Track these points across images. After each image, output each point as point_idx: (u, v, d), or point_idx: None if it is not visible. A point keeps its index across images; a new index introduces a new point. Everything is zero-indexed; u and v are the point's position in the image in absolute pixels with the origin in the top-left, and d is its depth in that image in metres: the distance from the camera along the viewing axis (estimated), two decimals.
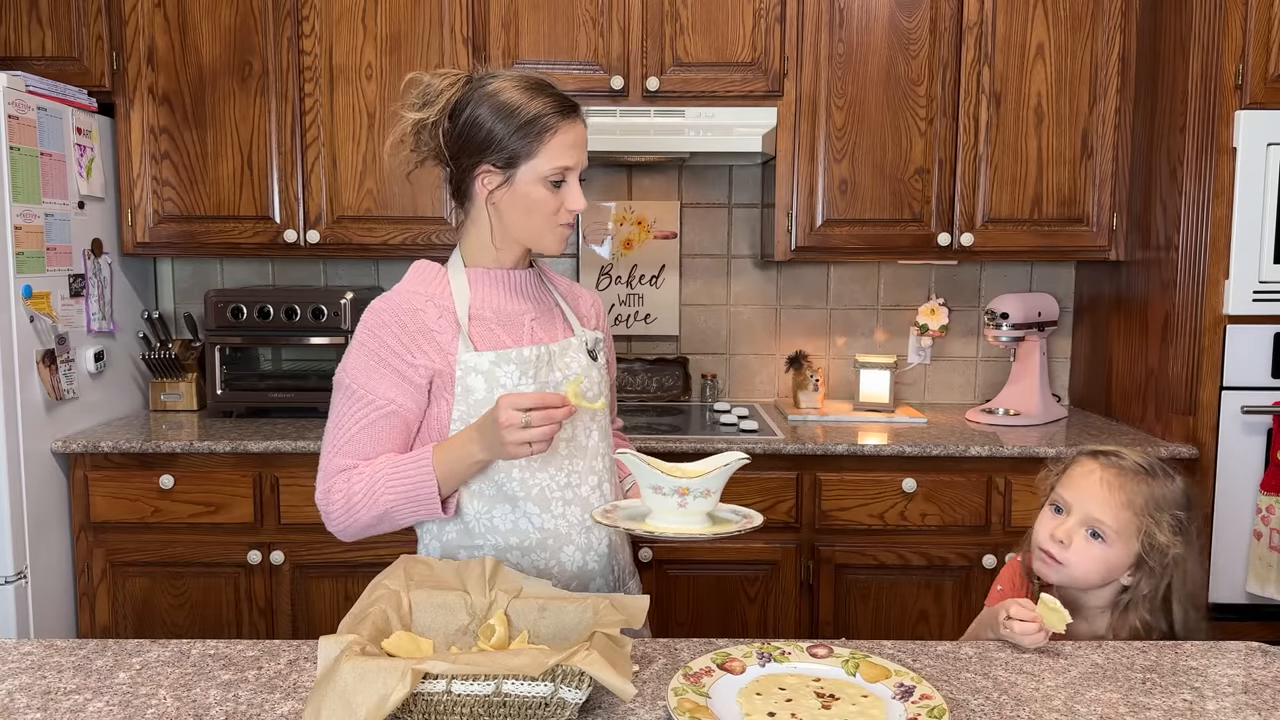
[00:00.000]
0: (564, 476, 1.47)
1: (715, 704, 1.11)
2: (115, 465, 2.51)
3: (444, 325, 1.45)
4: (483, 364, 1.43)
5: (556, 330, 1.54)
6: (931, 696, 1.11)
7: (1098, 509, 1.38)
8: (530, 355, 1.46)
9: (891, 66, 2.73)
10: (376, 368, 1.43)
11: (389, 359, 1.43)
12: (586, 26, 2.71)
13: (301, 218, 2.77)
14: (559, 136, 1.43)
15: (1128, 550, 1.37)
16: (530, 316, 1.52)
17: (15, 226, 2.32)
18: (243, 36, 2.72)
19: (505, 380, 1.44)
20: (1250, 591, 2.44)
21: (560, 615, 1.22)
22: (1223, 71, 2.41)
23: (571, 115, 1.46)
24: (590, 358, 1.54)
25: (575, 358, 1.52)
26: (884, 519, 2.53)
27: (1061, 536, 1.39)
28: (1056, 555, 1.39)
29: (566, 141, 1.44)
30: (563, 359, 1.50)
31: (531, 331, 1.50)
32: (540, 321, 1.53)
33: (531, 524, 1.45)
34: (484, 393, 1.43)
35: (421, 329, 1.44)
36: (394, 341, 1.43)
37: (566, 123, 1.44)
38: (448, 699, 1.01)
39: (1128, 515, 1.36)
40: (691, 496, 1.29)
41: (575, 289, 1.66)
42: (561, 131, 1.44)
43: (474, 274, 1.50)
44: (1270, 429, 2.44)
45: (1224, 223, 2.44)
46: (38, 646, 1.28)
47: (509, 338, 1.48)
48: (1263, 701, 1.15)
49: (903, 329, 3.16)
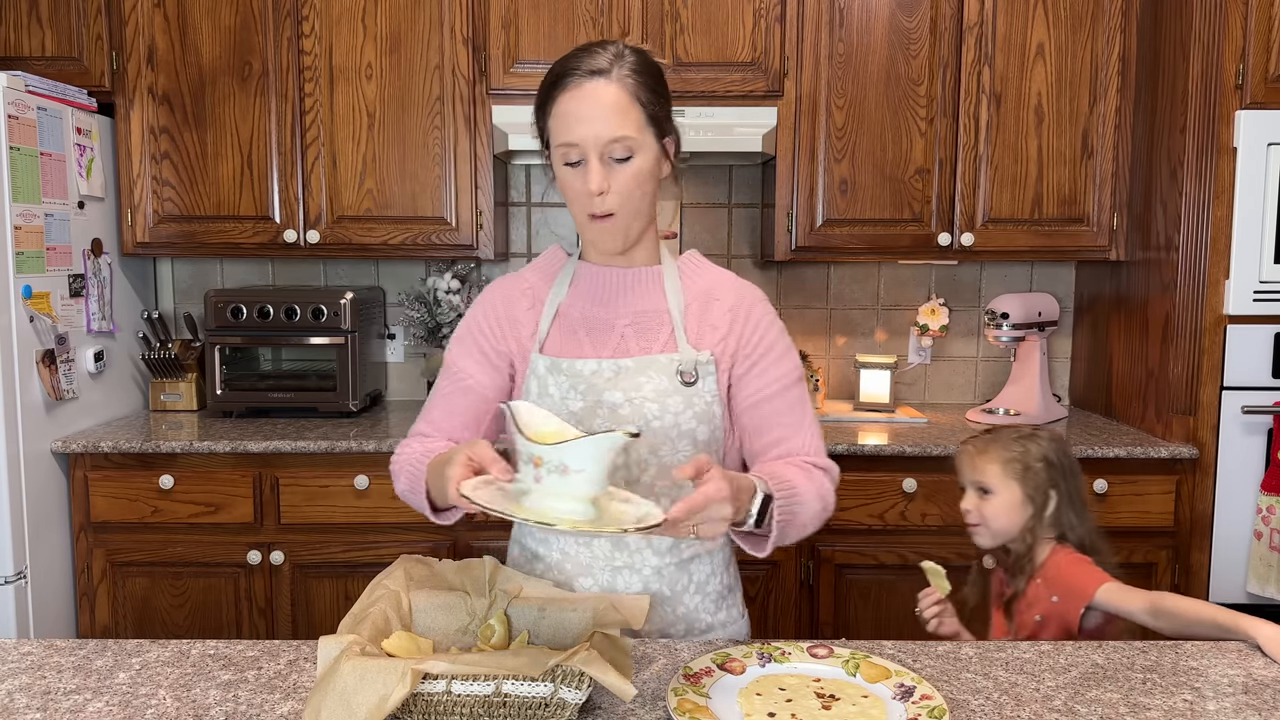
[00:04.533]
0: None
1: (715, 704, 1.11)
2: (115, 465, 2.51)
3: (530, 319, 1.39)
4: (539, 368, 1.35)
5: (655, 341, 1.35)
6: (932, 697, 1.11)
7: (975, 472, 1.69)
8: (584, 369, 1.33)
9: (892, 66, 2.73)
10: (465, 341, 1.41)
11: (476, 336, 1.40)
12: (586, 26, 2.71)
13: (301, 218, 2.77)
14: (557, 106, 1.27)
15: (1012, 492, 1.65)
16: (625, 322, 1.36)
17: (15, 226, 2.32)
18: (243, 36, 2.72)
19: (554, 389, 1.34)
20: (1250, 591, 2.44)
21: (560, 616, 1.22)
22: (1223, 71, 2.41)
23: (571, 79, 1.25)
24: (682, 381, 1.32)
25: (653, 378, 1.32)
26: (884, 519, 2.53)
27: (967, 506, 1.70)
28: (971, 521, 1.70)
29: (565, 111, 1.26)
30: (636, 377, 1.32)
31: (622, 339, 1.35)
32: (638, 328, 1.36)
33: (555, 543, 1.38)
34: (535, 397, 1.35)
35: (510, 317, 1.40)
36: (484, 322, 1.40)
37: (563, 93, 1.26)
38: (448, 699, 1.01)
39: (995, 466, 1.67)
40: (546, 470, 1.05)
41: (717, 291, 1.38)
42: (560, 101, 1.26)
43: (582, 269, 1.40)
44: (1271, 429, 2.44)
45: (1224, 223, 2.44)
46: (37, 646, 1.27)
47: (590, 342, 1.35)
48: (1263, 701, 1.15)
49: (903, 329, 3.16)
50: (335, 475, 2.51)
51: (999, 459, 1.67)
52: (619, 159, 1.26)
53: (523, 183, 3.13)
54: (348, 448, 2.48)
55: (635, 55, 1.29)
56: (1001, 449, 1.68)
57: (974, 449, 1.71)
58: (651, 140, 1.29)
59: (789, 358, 1.38)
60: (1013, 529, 1.66)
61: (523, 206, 3.14)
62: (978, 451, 1.70)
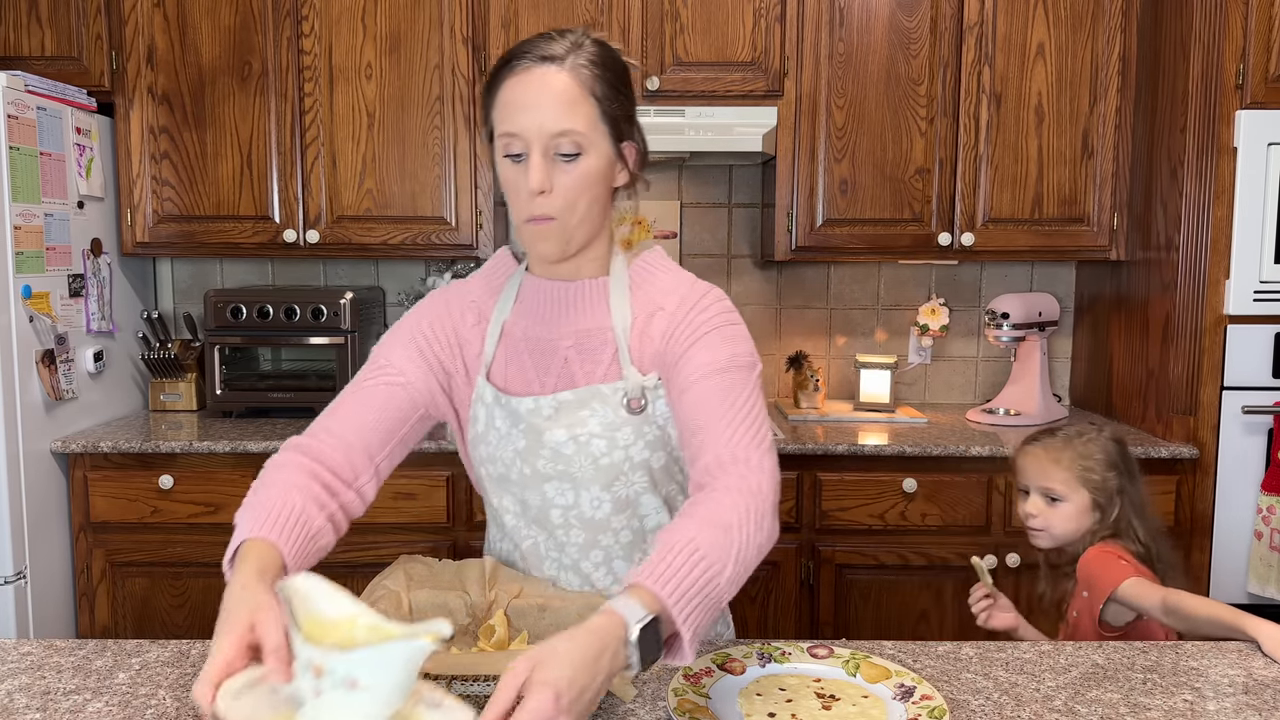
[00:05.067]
0: (555, 543, 1.28)
1: (715, 704, 1.11)
2: (115, 465, 2.51)
3: (475, 336, 1.29)
4: (486, 396, 1.26)
5: (599, 365, 1.23)
6: (932, 697, 1.11)
7: (1044, 479, 1.67)
8: (521, 408, 1.23)
9: (892, 66, 2.73)
10: (401, 339, 1.28)
11: (419, 340, 1.28)
12: (586, 26, 2.70)
13: (301, 218, 2.77)
14: (502, 92, 1.15)
15: (1081, 499, 1.65)
16: (569, 343, 1.24)
17: (15, 226, 2.32)
18: (242, 36, 2.72)
19: (500, 424, 1.24)
20: (1251, 592, 2.44)
21: (560, 615, 1.21)
22: (1223, 71, 2.40)
23: (520, 63, 1.14)
24: (628, 411, 1.20)
25: (597, 411, 1.20)
26: (884, 519, 2.53)
27: (1031, 511, 1.69)
28: (1035, 526, 1.68)
29: (509, 99, 1.14)
30: (578, 412, 1.21)
31: (566, 362, 1.24)
32: (580, 350, 1.24)
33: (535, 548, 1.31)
34: (482, 427, 1.26)
35: (457, 332, 1.29)
36: (430, 330, 1.28)
37: (510, 77, 1.14)
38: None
39: (1066, 474, 1.65)
40: (329, 682, 0.79)
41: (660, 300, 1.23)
42: (505, 86, 1.15)
43: (528, 281, 1.28)
44: (1271, 429, 2.44)
45: (1224, 223, 2.44)
46: (37, 646, 1.27)
47: (534, 368, 1.25)
48: (1263, 702, 1.15)
49: (903, 329, 3.16)
50: None
51: (1071, 466, 1.65)
52: (565, 155, 1.14)
53: None
54: None
55: (596, 46, 1.18)
56: (1075, 457, 1.65)
57: (1045, 455, 1.68)
58: (604, 141, 1.17)
59: (724, 346, 1.18)
60: (1077, 534, 1.66)
61: None
62: (1050, 459, 1.66)
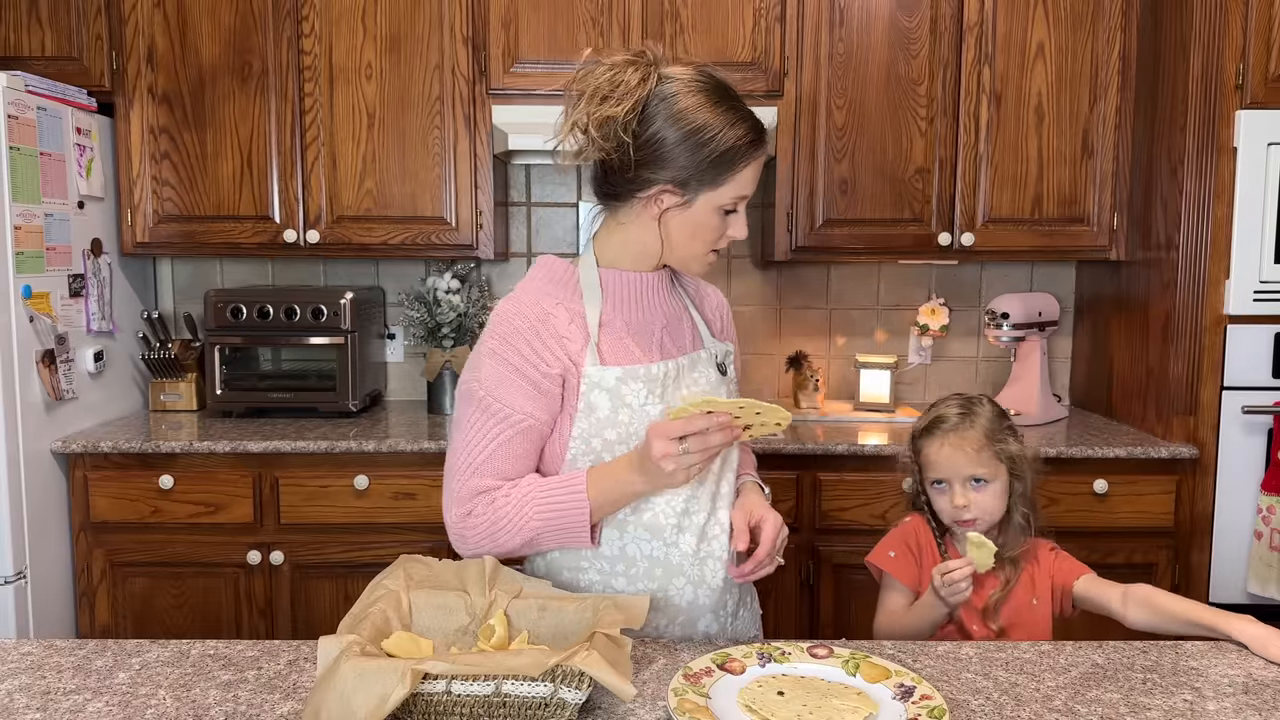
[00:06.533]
0: (681, 503, 1.35)
1: (715, 704, 1.11)
2: (115, 465, 2.51)
3: (574, 332, 1.34)
4: (608, 380, 1.32)
5: (686, 340, 1.43)
6: (932, 697, 1.11)
7: (965, 467, 1.57)
8: (658, 372, 1.35)
9: (892, 66, 2.73)
10: (511, 378, 1.31)
11: (524, 368, 1.31)
12: (586, 26, 2.71)
13: (301, 218, 2.77)
14: (749, 170, 1.33)
15: (1001, 474, 1.58)
16: (661, 324, 1.41)
17: (15, 226, 2.32)
18: (243, 36, 2.71)
19: (631, 399, 1.33)
20: (1251, 592, 2.44)
21: (560, 615, 1.21)
22: (1223, 71, 2.40)
23: (763, 145, 1.34)
24: (719, 372, 1.43)
25: (704, 373, 1.41)
26: (885, 519, 2.52)
27: (961, 503, 1.57)
28: (967, 518, 1.57)
29: (750, 175, 1.34)
30: (691, 374, 1.39)
31: (661, 342, 1.40)
32: (670, 330, 1.42)
33: (640, 550, 1.35)
34: (607, 411, 1.33)
35: (554, 334, 1.33)
36: (527, 349, 1.32)
37: (758, 153, 1.33)
38: (447, 699, 1.01)
39: (984, 454, 1.57)
40: None
41: (703, 289, 1.54)
42: (753, 165, 1.33)
43: (608, 276, 1.38)
44: (1271, 429, 2.44)
45: (1224, 222, 2.44)
46: (37, 646, 1.27)
47: (639, 348, 1.37)
48: (1263, 701, 1.15)
49: (903, 329, 3.16)
50: (335, 475, 2.51)
51: (987, 445, 1.56)
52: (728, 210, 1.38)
53: (523, 183, 3.13)
54: (347, 448, 2.48)
55: None
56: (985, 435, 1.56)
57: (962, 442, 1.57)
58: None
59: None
60: (999, 513, 1.58)
61: (523, 206, 3.14)
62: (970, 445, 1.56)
